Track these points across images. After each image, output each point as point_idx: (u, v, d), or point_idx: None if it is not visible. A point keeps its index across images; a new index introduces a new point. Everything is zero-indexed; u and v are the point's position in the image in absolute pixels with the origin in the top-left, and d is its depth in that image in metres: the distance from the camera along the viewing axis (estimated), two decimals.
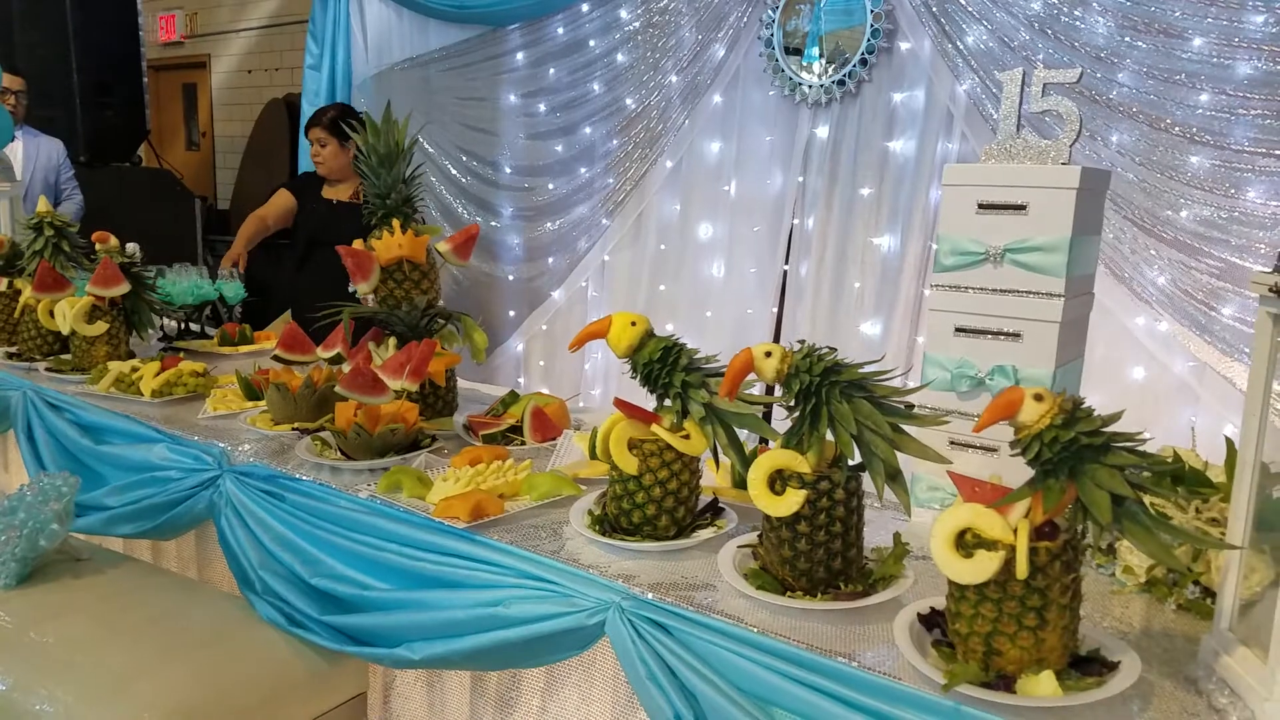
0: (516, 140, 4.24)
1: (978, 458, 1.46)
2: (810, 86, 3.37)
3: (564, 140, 4.09)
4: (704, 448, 1.39)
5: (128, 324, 2.46)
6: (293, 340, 2.27)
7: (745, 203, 3.67)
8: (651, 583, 1.30)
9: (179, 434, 1.96)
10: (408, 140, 2.06)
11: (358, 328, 2.04)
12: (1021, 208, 1.41)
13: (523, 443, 1.90)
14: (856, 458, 1.22)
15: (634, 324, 1.39)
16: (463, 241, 2.11)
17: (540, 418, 1.93)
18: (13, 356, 2.57)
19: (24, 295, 2.54)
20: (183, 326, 2.94)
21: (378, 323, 2.05)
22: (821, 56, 3.34)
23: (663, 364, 1.37)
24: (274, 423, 1.96)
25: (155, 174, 6.27)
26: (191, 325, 2.95)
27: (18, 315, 2.60)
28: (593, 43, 3.94)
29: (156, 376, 2.19)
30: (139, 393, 2.18)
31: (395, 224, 2.03)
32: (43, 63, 5.40)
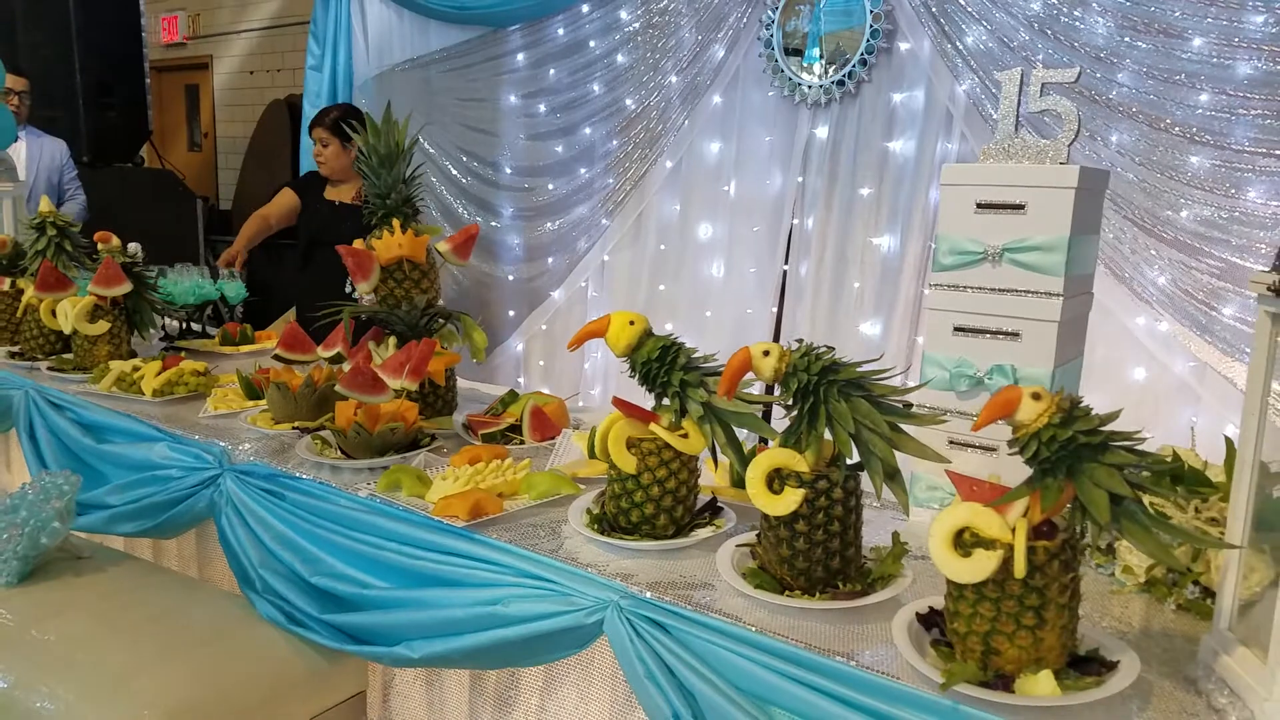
0: (517, 141, 4.24)
1: (977, 457, 1.46)
2: (810, 87, 3.37)
3: (564, 141, 4.10)
4: (702, 447, 1.39)
5: (129, 323, 2.47)
6: (293, 339, 2.28)
7: (745, 203, 3.67)
8: (650, 582, 1.30)
9: (180, 433, 1.96)
10: (408, 140, 2.06)
11: (358, 327, 2.05)
12: (1020, 207, 1.41)
13: (522, 442, 1.91)
14: (855, 457, 1.22)
15: (632, 323, 1.39)
16: (462, 241, 2.11)
17: (539, 417, 1.93)
18: (15, 356, 2.57)
19: (26, 295, 2.55)
20: (184, 326, 2.95)
21: (378, 322, 2.06)
22: (822, 58, 3.34)
23: (661, 363, 1.37)
24: (274, 422, 1.97)
25: (157, 174, 6.28)
26: (193, 325, 2.96)
27: (20, 315, 2.61)
28: (593, 43, 3.95)
29: (158, 376, 2.20)
30: (140, 392, 2.18)
31: (395, 224, 2.04)
32: (46, 63, 5.40)
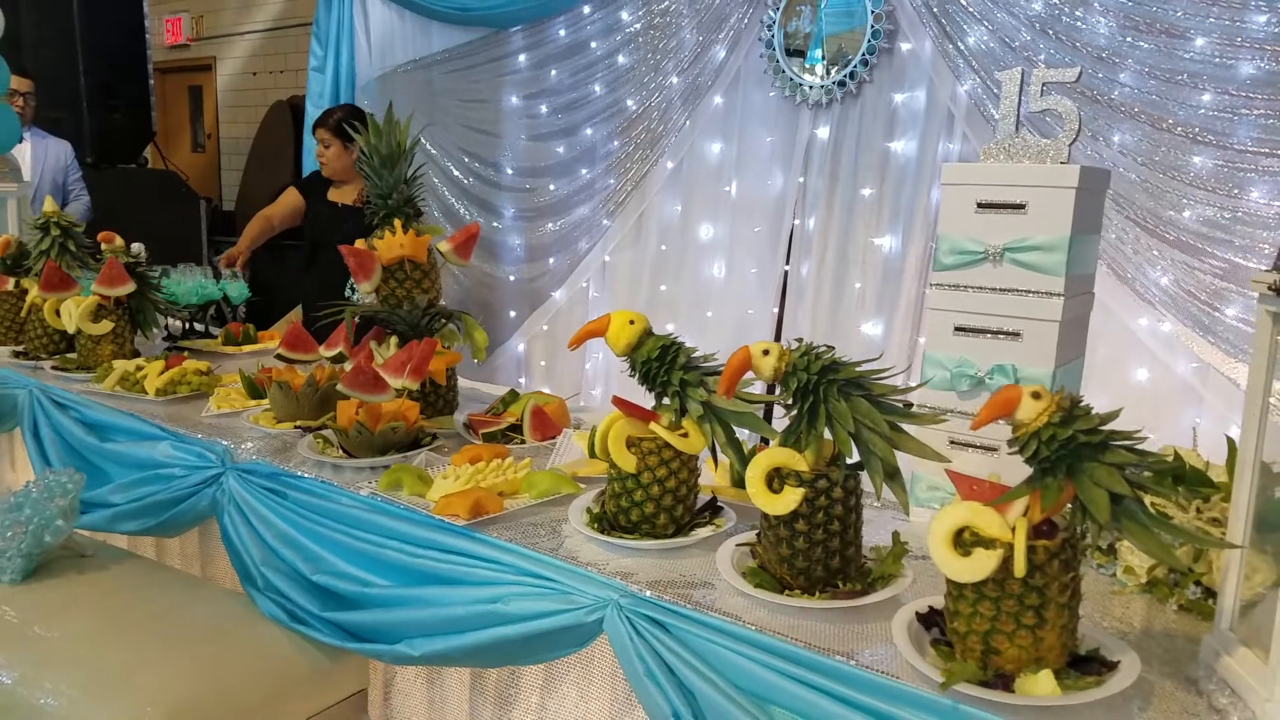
0: (518, 141, 4.25)
1: (977, 457, 1.46)
2: (811, 87, 3.37)
3: (565, 141, 4.10)
4: (702, 446, 1.39)
5: (133, 323, 2.47)
6: (295, 339, 2.29)
7: (746, 203, 3.67)
8: (650, 580, 1.30)
9: (183, 432, 1.96)
10: (409, 141, 2.07)
11: (360, 327, 2.05)
12: (1021, 207, 1.41)
13: (522, 441, 1.91)
14: (855, 456, 1.22)
15: (632, 322, 1.39)
16: (463, 241, 2.11)
17: (540, 416, 1.93)
18: (19, 355, 2.58)
19: (31, 294, 2.56)
20: (187, 326, 2.95)
21: (379, 322, 2.06)
22: (824, 59, 3.34)
23: (661, 362, 1.38)
24: (276, 421, 1.97)
25: (161, 175, 6.30)
26: (196, 325, 2.96)
27: (24, 314, 2.61)
28: (594, 44, 3.95)
29: (161, 375, 2.21)
30: (144, 391, 2.19)
31: (397, 224, 2.04)
32: (50, 65, 5.42)
